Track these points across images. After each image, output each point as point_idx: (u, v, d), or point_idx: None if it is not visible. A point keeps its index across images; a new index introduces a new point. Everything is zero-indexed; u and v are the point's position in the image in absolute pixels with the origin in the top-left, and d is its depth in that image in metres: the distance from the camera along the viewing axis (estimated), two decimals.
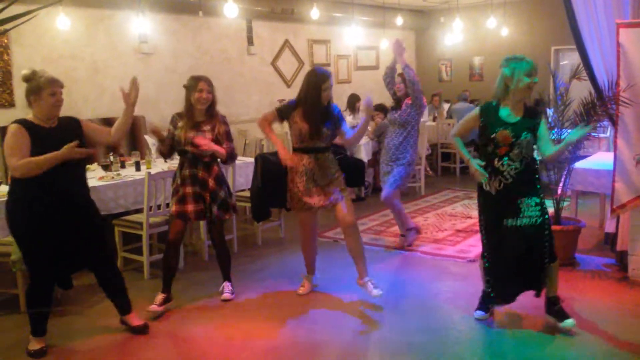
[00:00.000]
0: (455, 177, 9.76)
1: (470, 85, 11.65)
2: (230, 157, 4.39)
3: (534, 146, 3.70)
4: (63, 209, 3.58)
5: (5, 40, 6.42)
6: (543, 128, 3.67)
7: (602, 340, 3.69)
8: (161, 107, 7.82)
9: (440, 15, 11.87)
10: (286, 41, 9.84)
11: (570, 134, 3.78)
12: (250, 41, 9.21)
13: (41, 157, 3.44)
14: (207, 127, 4.26)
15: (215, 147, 4.20)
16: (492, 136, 3.63)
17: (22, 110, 6.61)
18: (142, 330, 3.97)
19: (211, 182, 4.30)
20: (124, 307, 4.00)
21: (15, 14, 2.31)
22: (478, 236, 5.97)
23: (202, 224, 5.51)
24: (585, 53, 4.84)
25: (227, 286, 4.57)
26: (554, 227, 4.99)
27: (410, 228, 5.76)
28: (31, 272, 3.70)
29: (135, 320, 3.99)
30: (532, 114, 3.67)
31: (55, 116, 3.61)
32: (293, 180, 4.31)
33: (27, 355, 3.70)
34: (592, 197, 6.46)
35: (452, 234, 6.20)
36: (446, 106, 11.02)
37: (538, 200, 3.66)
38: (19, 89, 6.59)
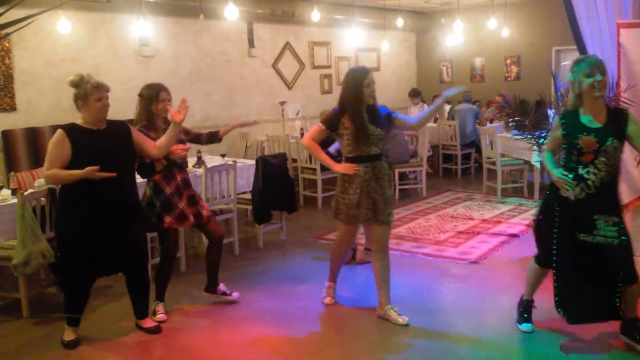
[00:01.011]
0: (457, 178, 9.75)
1: (472, 86, 11.64)
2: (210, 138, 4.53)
3: (622, 155, 3.44)
4: (107, 213, 3.67)
5: (7, 44, 6.44)
6: (632, 128, 3.36)
7: (603, 341, 3.68)
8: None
9: (441, 17, 11.87)
10: (287, 43, 9.85)
11: None
12: (251, 43, 9.22)
13: (63, 173, 3.57)
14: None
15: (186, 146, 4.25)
16: (575, 142, 3.37)
17: (23, 114, 6.64)
18: (155, 331, 4.02)
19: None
20: (141, 312, 4.07)
21: (16, 19, 2.32)
22: (479, 238, 6.04)
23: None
24: (586, 53, 4.84)
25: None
26: None
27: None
28: (67, 272, 3.80)
29: (148, 322, 4.07)
30: (616, 118, 3.39)
31: (102, 119, 3.73)
32: (346, 190, 4.02)
33: (62, 345, 3.83)
34: None
35: (453, 235, 6.19)
36: (447, 107, 11.02)
37: (617, 220, 3.38)
38: (21, 93, 6.62)
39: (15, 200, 4.41)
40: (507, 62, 11.59)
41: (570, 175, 3.34)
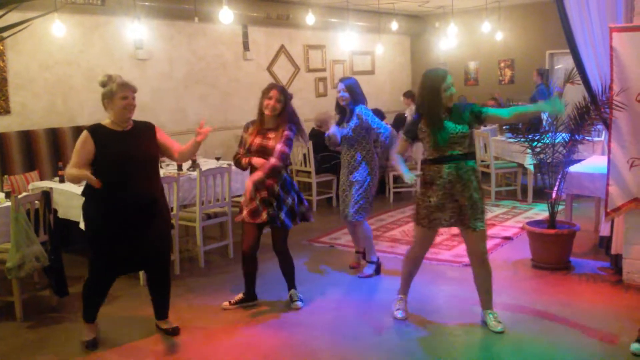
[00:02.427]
0: None
1: (466, 90, 11.68)
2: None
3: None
4: (131, 209, 3.70)
5: (1, 47, 6.41)
6: None
7: (597, 343, 3.70)
8: (157, 112, 7.82)
9: (435, 20, 11.91)
10: (282, 46, 9.86)
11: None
12: (246, 47, 9.23)
13: (76, 172, 3.59)
14: (272, 135, 4.31)
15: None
16: None
17: (17, 117, 6.62)
18: (173, 332, 4.03)
19: (277, 188, 4.30)
20: (161, 313, 4.08)
21: (11, 23, 2.32)
22: None
23: (198, 230, 5.50)
24: (579, 57, 4.87)
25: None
26: (549, 231, 5.05)
27: (374, 261, 5.19)
28: (91, 265, 3.82)
29: (166, 323, 4.08)
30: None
31: (128, 119, 3.77)
32: (425, 192, 3.86)
33: (82, 345, 3.86)
34: (587, 201, 6.49)
35: (447, 238, 6.20)
36: None
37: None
38: (15, 96, 6.59)
39: (9, 204, 4.40)
40: (501, 66, 11.63)
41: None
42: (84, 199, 3.81)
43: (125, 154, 3.67)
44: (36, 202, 4.42)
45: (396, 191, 8.42)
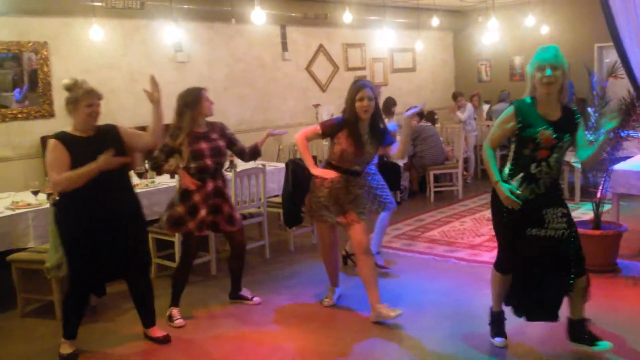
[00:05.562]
0: None
1: (511, 85, 11.38)
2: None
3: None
4: (107, 218, 3.66)
5: (45, 52, 6.61)
6: (581, 130, 3.33)
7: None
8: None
9: (478, 15, 11.64)
10: (320, 46, 9.83)
11: (600, 133, 3.52)
12: (284, 47, 9.24)
13: (80, 170, 3.53)
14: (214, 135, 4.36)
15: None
16: (534, 136, 3.22)
17: (62, 120, 6.78)
18: (164, 340, 3.99)
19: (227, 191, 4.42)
20: (148, 320, 4.05)
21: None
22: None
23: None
24: (624, 51, 4.66)
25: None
26: (593, 232, 4.83)
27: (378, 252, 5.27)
28: (72, 278, 3.79)
29: (157, 332, 4.03)
30: (570, 116, 3.30)
31: (92, 126, 3.70)
32: (316, 192, 4.19)
33: (60, 359, 3.80)
34: (637, 200, 6.20)
35: (488, 239, 6.04)
36: (486, 107, 10.80)
37: (565, 211, 3.34)
38: (59, 100, 6.78)
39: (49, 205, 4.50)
40: None
41: (515, 185, 3.25)
42: (59, 209, 3.76)
43: (93, 159, 3.52)
44: None
45: (437, 190, 8.26)
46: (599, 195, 4.93)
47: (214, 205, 4.28)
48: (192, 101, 4.24)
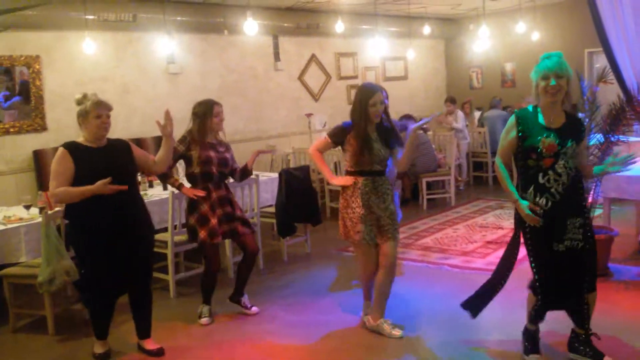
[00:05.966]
0: (488, 186, 9.57)
1: (502, 92, 11.44)
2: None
3: (583, 159, 3.37)
4: (116, 229, 3.70)
5: (37, 66, 6.62)
6: (585, 138, 3.34)
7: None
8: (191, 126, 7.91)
9: (469, 22, 11.72)
10: (313, 55, 9.87)
11: (610, 167, 3.37)
12: (276, 57, 9.27)
13: (75, 190, 3.60)
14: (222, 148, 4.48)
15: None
16: (536, 145, 3.22)
17: (54, 133, 6.80)
18: (157, 353, 3.98)
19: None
20: (144, 331, 4.05)
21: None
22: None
23: (227, 241, 5.51)
24: (613, 56, 4.70)
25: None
26: None
27: None
28: (92, 286, 3.83)
29: (151, 344, 4.03)
30: (574, 123, 3.30)
31: (102, 137, 3.78)
32: (349, 205, 4.02)
33: (93, 357, 3.91)
34: (627, 205, 6.22)
35: (481, 245, 6.06)
36: (477, 114, 10.85)
37: (582, 222, 3.28)
38: (51, 113, 6.79)
39: (41, 219, 4.50)
40: None
41: (529, 199, 3.23)
42: (69, 221, 3.81)
43: (104, 169, 3.61)
44: None
45: (430, 198, 8.28)
46: (590, 200, 4.95)
47: (224, 214, 4.37)
48: (202, 114, 4.37)
